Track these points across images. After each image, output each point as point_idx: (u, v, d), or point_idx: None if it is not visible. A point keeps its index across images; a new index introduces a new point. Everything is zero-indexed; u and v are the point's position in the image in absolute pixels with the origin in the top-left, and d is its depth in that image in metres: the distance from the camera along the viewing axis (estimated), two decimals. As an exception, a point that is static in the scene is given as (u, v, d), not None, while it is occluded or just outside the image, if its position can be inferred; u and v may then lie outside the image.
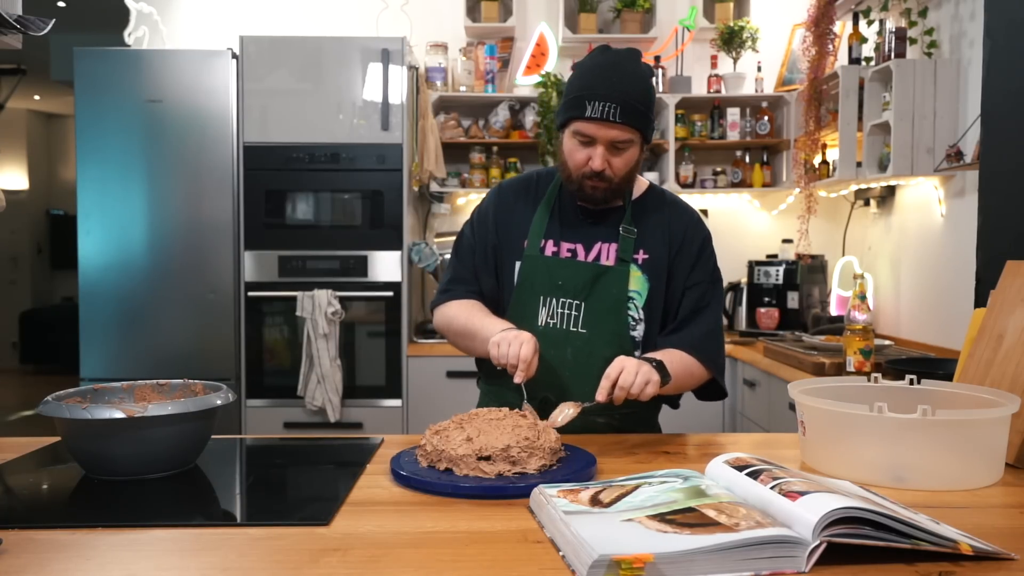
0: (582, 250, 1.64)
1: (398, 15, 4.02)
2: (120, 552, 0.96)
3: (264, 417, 3.48)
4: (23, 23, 1.55)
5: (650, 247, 1.65)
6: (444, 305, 1.71)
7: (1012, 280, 1.47)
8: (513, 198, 1.72)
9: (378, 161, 3.46)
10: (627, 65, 1.55)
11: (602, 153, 1.54)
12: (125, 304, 3.44)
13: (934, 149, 3.03)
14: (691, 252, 1.66)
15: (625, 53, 1.58)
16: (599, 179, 1.56)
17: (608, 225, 1.65)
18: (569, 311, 1.61)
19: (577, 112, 1.53)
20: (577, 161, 1.57)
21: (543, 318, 1.62)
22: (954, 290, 3.07)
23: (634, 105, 1.51)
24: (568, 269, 1.62)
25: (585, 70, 1.56)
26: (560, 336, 1.61)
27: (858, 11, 3.38)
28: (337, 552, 0.96)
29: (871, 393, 1.39)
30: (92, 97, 3.42)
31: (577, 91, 1.54)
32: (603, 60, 1.56)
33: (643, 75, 1.56)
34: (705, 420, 3.45)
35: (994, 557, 0.91)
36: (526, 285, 1.63)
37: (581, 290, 1.60)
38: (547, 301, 1.62)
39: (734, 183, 4.01)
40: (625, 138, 1.54)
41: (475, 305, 1.67)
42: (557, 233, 1.65)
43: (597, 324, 1.61)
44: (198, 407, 1.28)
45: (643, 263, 1.64)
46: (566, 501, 1.03)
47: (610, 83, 1.51)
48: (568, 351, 1.60)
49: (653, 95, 1.58)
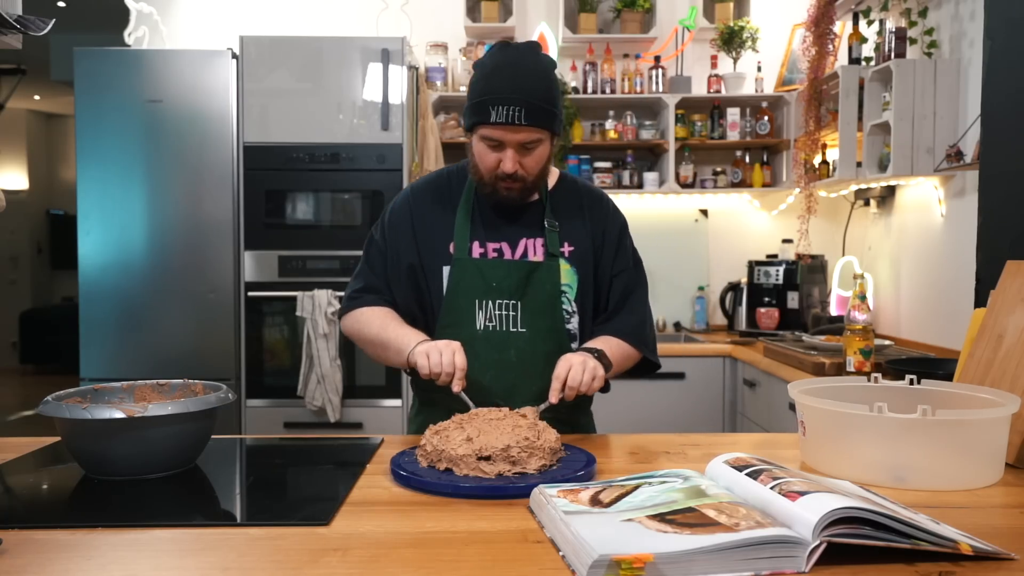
0: (508, 248, 1.63)
1: (398, 15, 4.02)
2: (120, 552, 0.96)
3: (264, 417, 3.48)
4: (23, 23, 1.55)
5: (574, 239, 1.66)
6: (355, 311, 1.68)
7: (1012, 280, 1.47)
8: (430, 202, 1.68)
9: (378, 161, 3.46)
10: (527, 62, 1.53)
11: (512, 155, 1.53)
12: (125, 304, 3.44)
13: (934, 149, 3.03)
14: (613, 240, 1.70)
15: (525, 48, 1.56)
16: (512, 180, 1.56)
17: (529, 220, 1.65)
18: (506, 312, 1.60)
19: (482, 117, 1.51)
20: (488, 164, 1.56)
21: (481, 321, 1.60)
22: (954, 290, 3.07)
23: (538, 104, 1.51)
24: (500, 269, 1.60)
25: (487, 71, 1.54)
26: (501, 338, 1.59)
27: (858, 11, 3.38)
28: (337, 552, 0.96)
29: (871, 393, 1.39)
30: (92, 97, 3.42)
31: (480, 95, 1.52)
32: (503, 60, 1.54)
33: (545, 70, 1.55)
34: (705, 420, 3.46)
35: (994, 557, 0.91)
36: (458, 290, 1.60)
37: (516, 289, 1.60)
38: (483, 304, 1.60)
39: (734, 183, 4.01)
40: (533, 138, 1.53)
41: (388, 313, 1.64)
42: (481, 234, 1.64)
43: (535, 321, 1.60)
44: (198, 407, 1.28)
45: (570, 255, 1.65)
46: (566, 501, 1.03)
47: (513, 85, 1.50)
48: (512, 352, 1.59)
49: (557, 88, 1.56)
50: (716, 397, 3.49)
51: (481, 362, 1.57)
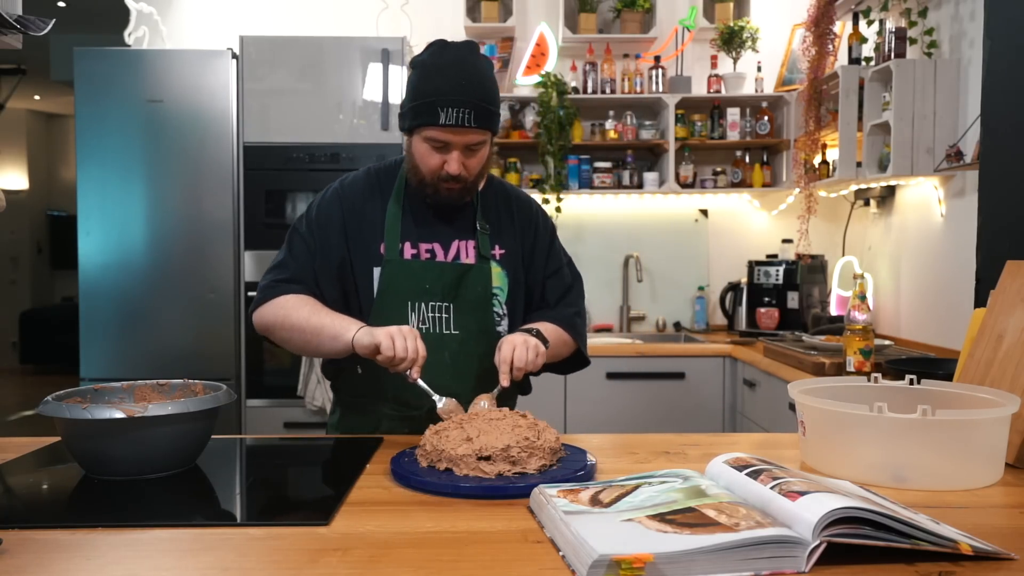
0: (440, 250, 1.63)
1: (398, 15, 4.02)
2: (120, 552, 0.96)
3: (264, 417, 3.48)
4: (23, 23, 1.55)
5: (505, 242, 1.67)
6: (277, 299, 1.59)
7: (1012, 280, 1.47)
8: (361, 200, 1.65)
9: (378, 161, 3.46)
10: (471, 63, 1.53)
11: (457, 157, 1.53)
12: (125, 304, 3.44)
13: (934, 149, 3.03)
14: (544, 244, 1.73)
15: (466, 48, 1.55)
16: (455, 181, 1.56)
17: (460, 222, 1.65)
18: (439, 314, 1.60)
19: (430, 119, 1.50)
20: (431, 166, 1.55)
21: (414, 323, 1.59)
22: (954, 290, 3.07)
23: (486, 107, 1.51)
24: (432, 271, 1.60)
25: (431, 72, 1.52)
26: (435, 340, 1.58)
27: (858, 11, 3.38)
28: (337, 552, 0.96)
29: (871, 393, 1.39)
30: (92, 97, 3.42)
31: (428, 96, 1.50)
32: (448, 60, 1.52)
33: (487, 71, 1.55)
34: (705, 420, 3.46)
35: (994, 557, 0.91)
36: (390, 291, 1.59)
37: (448, 291, 1.60)
38: (415, 306, 1.59)
39: (734, 183, 4.01)
40: (479, 140, 1.54)
41: (315, 301, 1.58)
42: (413, 234, 1.63)
43: (468, 324, 1.61)
44: (198, 407, 1.28)
45: (501, 258, 1.66)
46: (566, 501, 1.03)
47: (460, 87, 1.49)
48: (445, 354, 1.59)
49: (498, 89, 1.57)
50: (716, 397, 3.49)
51: None
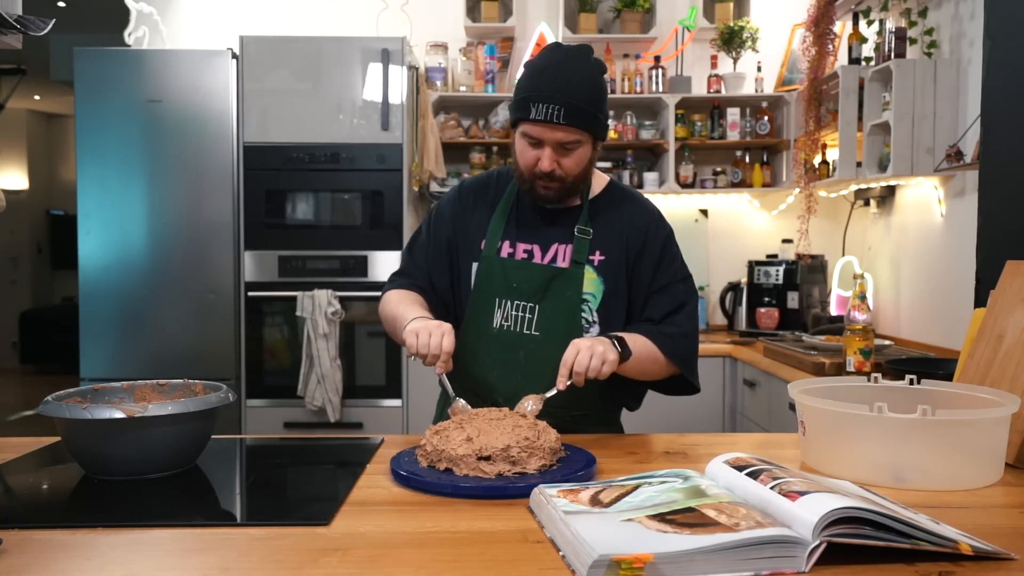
0: (539, 251, 1.63)
1: (398, 15, 4.02)
2: (120, 552, 0.96)
3: (264, 417, 3.48)
4: (23, 23, 1.55)
5: (606, 248, 1.63)
6: (387, 294, 1.70)
7: (1012, 280, 1.47)
8: (473, 199, 1.70)
9: (378, 161, 3.47)
10: (575, 64, 1.53)
11: (550, 154, 1.53)
12: (125, 304, 3.44)
13: (934, 149, 3.03)
14: (653, 254, 1.63)
15: (575, 51, 1.55)
16: (550, 179, 1.55)
17: (565, 225, 1.64)
18: (523, 313, 1.60)
19: (523, 114, 1.52)
20: (527, 161, 1.56)
21: (497, 320, 1.61)
22: (954, 290, 3.07)
23: (579, 106, 1.50)
24: (523, 271, 1.61)
25: (534, 70, 1.54)
26: (513, 338, 1.59)
27: (858, 11, 3.38)
28: (337, 552, 0.96)
29: (871, 393, 1.39)
30: (92, 97, 3.42)
31: (524, 92, 1.53)
32: (551, 60, 1.54)
33: (591, 74, 1.54)
34: (705, 420, 3.46)
35: (994, 557, 0.91)
36: (483, 287, 1.62)
37: (535, 292, 1.59)
38: (502, 303, 1.60)
39: (734, 183, 4.01)
40: (572, 139, 1.53)
41: (409, 294, 1.66)
42: (514, 234, 1.64)
43: (550, 327, 1.59)
44: (198, 407, 1.28)
45: (598, 264, 1.62)
46: (566, 501, 1.03)
47: (555, 84, 1.49)
48: (520, 353, 1.59)
49: (602, 92, 1.55)
50: (716, 397, 3.49)
51: (491, 360, 1.59)
